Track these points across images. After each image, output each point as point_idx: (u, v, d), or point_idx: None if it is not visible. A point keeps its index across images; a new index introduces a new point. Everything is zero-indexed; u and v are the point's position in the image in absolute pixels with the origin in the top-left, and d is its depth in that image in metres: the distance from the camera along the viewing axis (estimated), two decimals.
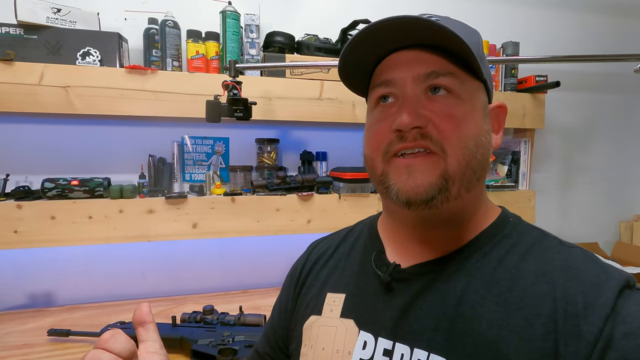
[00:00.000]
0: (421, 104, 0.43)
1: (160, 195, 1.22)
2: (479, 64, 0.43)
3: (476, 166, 0.44)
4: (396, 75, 0.44)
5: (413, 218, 0.47)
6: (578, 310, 0.37)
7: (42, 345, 1.01)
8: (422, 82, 0.43)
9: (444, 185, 0.42)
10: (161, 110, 1.17)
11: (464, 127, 0.43)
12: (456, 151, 0.42)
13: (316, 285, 0.56)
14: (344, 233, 0.62)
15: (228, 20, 1.22)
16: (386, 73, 0.45)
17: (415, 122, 0.42)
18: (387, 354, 0.44)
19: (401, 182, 0.43)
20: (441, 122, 0.42)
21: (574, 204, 1.85)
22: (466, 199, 0.45)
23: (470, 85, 0.45)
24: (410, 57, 0.44)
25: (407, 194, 0.42)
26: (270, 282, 1.47)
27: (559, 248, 0.44)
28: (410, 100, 0.43)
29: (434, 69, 0.43)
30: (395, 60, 0.45)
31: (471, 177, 0.44)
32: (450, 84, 0.43)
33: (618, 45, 1.79)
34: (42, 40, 1.09)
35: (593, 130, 1.83)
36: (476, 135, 0.44)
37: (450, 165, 0.42)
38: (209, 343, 0.94)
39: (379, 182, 0.47)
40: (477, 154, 0.43)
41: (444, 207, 0.43)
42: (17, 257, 1.26)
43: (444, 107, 0.43)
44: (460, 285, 0.43)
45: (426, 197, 0.42)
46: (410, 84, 0.43)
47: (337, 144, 1.51)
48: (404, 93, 0.44)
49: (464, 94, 0.44)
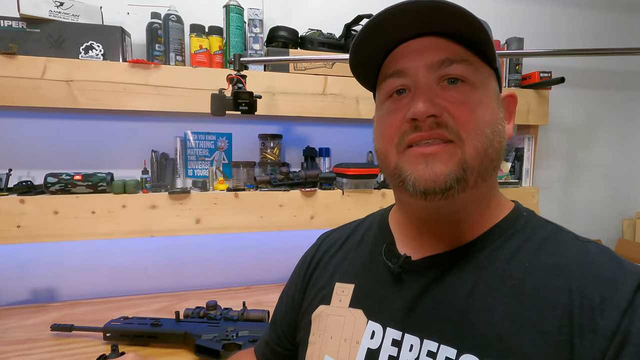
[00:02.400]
0: (435, 93, 0.42)
1: (163, 190, 1.22)
2: (494, 49, 0.42)
3: (493, 154, 0.43)
4: (408, 64, 0.43)
5: (427, 210, 0.46)
6: (594, 305, 0.37)
7: (45, 340, 1.00)
8: (435, 70, 0.42)
9: (462, 175, 0.41)
10: (164, 105, 1.16)
11: (480, 113, 0.42)
12: (473, 138, 0.41)
13: (325, 275, 0.57)
14: (354, 225, 0.62)
15: (232, 15, 1.21)
16: (397, 63, 0.44)
17: (431, 110, 0.41)
18: (395, 344, 0.44)
19: (418, 172, 0.42)
20: (456, 110, 0.41)
21: (577, 201, 1.84)
22: (482, 188, 0.44)
23: (484, 73, 0.44)
24: (422, 45, 0.43)
25: (425, 184, 0.41)
26: (273, 278, 1.47)
27: (574, 242, 0.43)
28: (424, 89, 0.42)
29: (448, 56, 0.42)
30: (406, 49, 0.44)
31: (488, 165, 0.43)
32: (465, 71, 0.42)
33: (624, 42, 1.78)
34: (45, 34, 1.08)
35: (597, 127, 1.83)
36: (493, 122, 0.43)
37: (469, 153, 0.41)
38: (212, 338, 0.94)
39: (392, 175, 0.45)
40: (494, 141, 0.43)
41: (459, 197, 0.42)
42: (20, 252, 1.25)
43: (459, 95, 0.42)
44: (471, 278, 0.43)
45: (445, 187, 0.41)
46: (423, 72, 0.42)
47: (340, 139, 1.50)
48: (417, 82, 0.43)
49: (478, 81, 0.43)
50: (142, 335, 0.98)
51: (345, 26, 1.38)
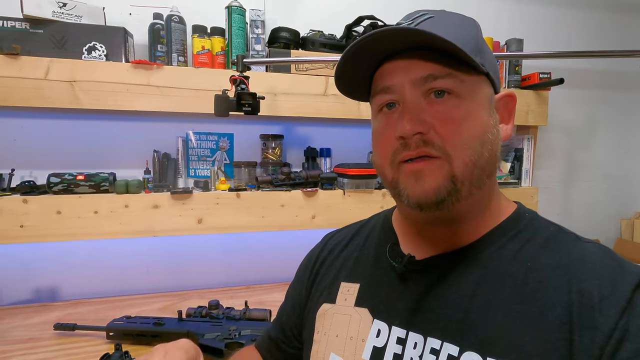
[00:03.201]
0: (421, 109, 0.43)
1: (165, 190, 1.22)
2: (475, 61, 0.42)
3: (484, 164, 0.44)
4: (394, 81, 0.44)
5: (423, 218, 0.48)
6: (593, 303, 0.38)
7: (49, 339, 1.01)
8: (420, 86, 0.43)
9: (453, 187, 0.42)
10: (166, 105, 1.17)
11: (466, 128, 0.42)
12: (461, 153, 0.42)
13: (330, 274, 0.58)
14: (358, 225, 0.63)
15: (234, 16, 1.22)
16: (384, 80, 0.45)
17: (417, 128, 0.42)
18: (400, 342, 0.45)
19: (410, 187, 0.44)
20: (442, 127, 0.42)
21: (575, 201, 1.85)
22: (478, 195, 0.45)
23: (471, 82, 0.44)
24: (406, 62, 0.44)
25: (417, 198, 0.43)
26: (274, 278, 1.47)
27: (575, 243, 0.44)
28: (410, 106, 0.43)
29: (431, 72, 0.42)
30: (392, 67, 0.45)
31: (481, 174, 0.44)
32: (449, 85, 0.43)
33: (624, 43, 1.80)
34: (48, 35, 1.09)
35: (595, 127, 1.84)
36: (481, 134, 0.43)
37: (457, 167, 0.42)
38: (215, 337, 0.95)
39: (390, 187, 0.48)
40: (483, 152, 0.43)
41: (455, 207, 0.44)
42: (23, 251, 1.26)
43: (445, 110, 0.42)
44: (474, 277, 0.44)
45: (436, 200, 0.42)
46: (408, 89, 0.43)
47: (341, 140, 1.51)
48: (404, 98, 0.44)
49: (465, 92, 0.43)
50: (145, 334, 0.98)
51: (346, 27, 1.39)
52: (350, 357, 0.48)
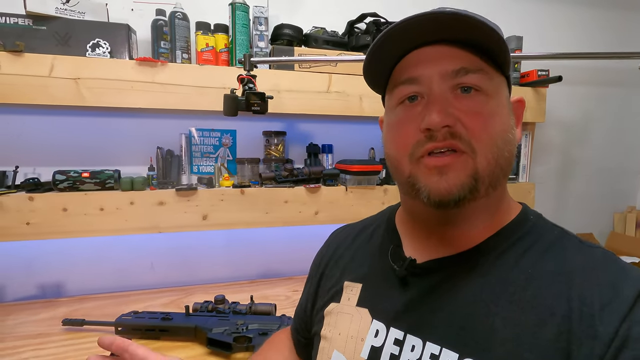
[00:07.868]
0: (449, 102, 0.42)
1: (169, 187, 1.23)
2: (510, 59, 0.42)
3: (504, 163, 0.44)
4: (422, 72, 0.43)
5: (436, 217, 0.47)
6: (594, 311, 0.37)
7: (58, 334, 1.02)
8: (450, 79, 0.42)
9: (474, 185, 0.42)
10: (171, 102, 1.17)
11: (492, 124, 0.42)
12: (485, 149, 0.42)
13: (336, 273, 0.59)
14: (362, 225, 0.64)
15: (237, 13, 1.22)
16: (410, 70, 0.44)
17: (446, 121, 0.41)
18: (397, 343, 0.46)
19: (433, 184, 0.42)
20: (469, 121, 0.41)
21: (570, 195, 1.89)
22: (492, 196, 0.45)
23: (497, 81, 0.44)
24: (437, 53, 0.43)
25: (439, 195, 0.42)
26: (278, 273, 1.50)
27: (578, 247, 0.43)
28: (438, 99, 0.42)
29: (464, 66, 0.42)
30: (420, 57, 0.43)
31: (499, 174, 0.44)
32: (479, 81, 0.42)
33: (622, 40, 1.82)
34: (51, 31, 1.08)
35: (590, 123, 1.87)
36: (503, 132, 0.43)
37: (480, 164, 0.42)
38: (223, 331, 0.96)
39: (406, 183, 0.46)
40: (504, 151, 0.43)
41: (470, 205, 0.43)
42: (29, 248, 1.26)
43: (472, 105, 0.42)
44: (475, 283, 0.44)
45: (458, 197, 0.42)
46: (437, 81, 0.42)
47: (343, 136, 1.52)
48: (431, 90, 0.43)
49: (492, 90, 0.43)
50: (153, 329, 1.00)
51: (348, 24, 1.39)
52: (350, 355, 0.49)
